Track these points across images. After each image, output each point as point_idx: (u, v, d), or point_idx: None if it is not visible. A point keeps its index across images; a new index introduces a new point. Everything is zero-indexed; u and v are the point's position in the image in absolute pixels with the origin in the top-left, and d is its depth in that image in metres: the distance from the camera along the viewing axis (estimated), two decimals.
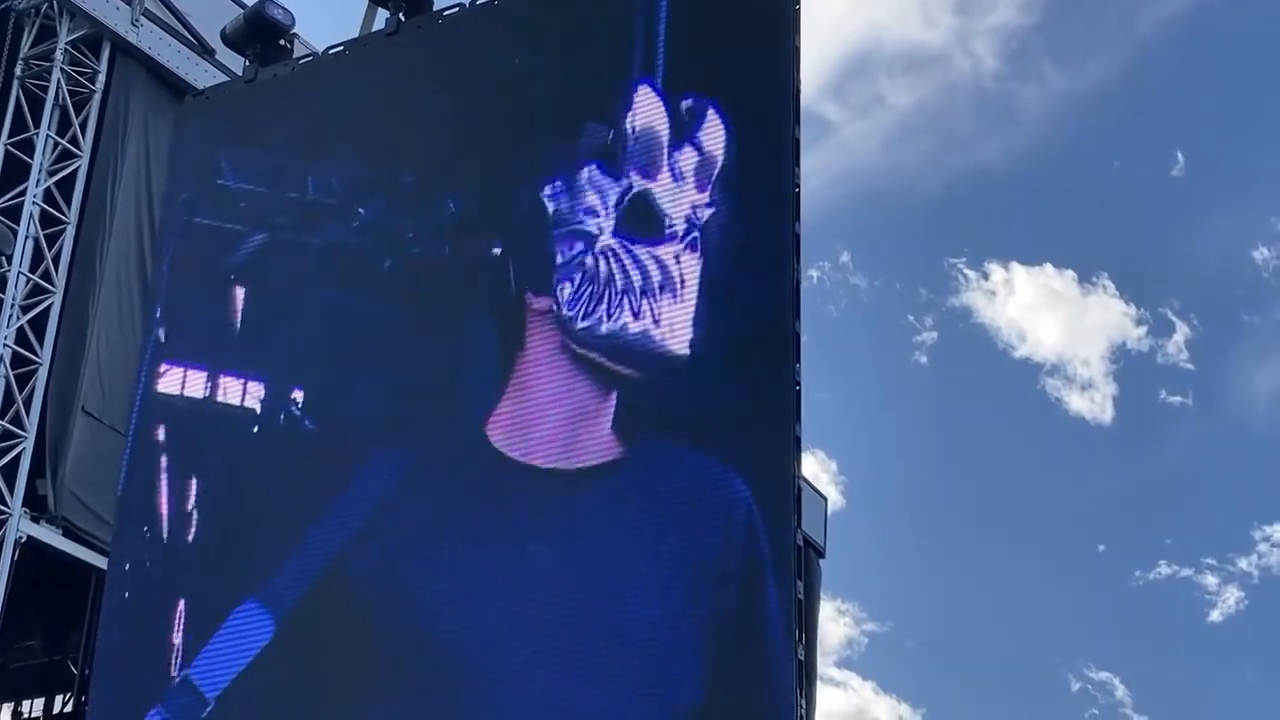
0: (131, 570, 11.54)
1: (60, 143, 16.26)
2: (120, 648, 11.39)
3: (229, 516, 11.29)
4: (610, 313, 9.94)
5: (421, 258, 11.13)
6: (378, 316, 11.14)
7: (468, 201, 11.10)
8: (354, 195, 11.56)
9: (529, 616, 9.53)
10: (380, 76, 12.14)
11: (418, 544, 10.29)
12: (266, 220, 11.91)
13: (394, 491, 10.51)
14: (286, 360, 11.43)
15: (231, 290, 11.86)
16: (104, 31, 16.63)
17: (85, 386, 15.66)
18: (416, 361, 10.86)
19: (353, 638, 10.26)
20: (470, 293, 10.83)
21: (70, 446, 15.44)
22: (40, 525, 15.30)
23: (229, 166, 12.23)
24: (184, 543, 11.34)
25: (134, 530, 11.66)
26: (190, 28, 17.35)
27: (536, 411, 10.03)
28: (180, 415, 11.79)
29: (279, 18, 12.89)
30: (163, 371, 11.96)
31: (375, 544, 10.41)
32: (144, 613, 11.27)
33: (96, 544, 15.06)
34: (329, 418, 11.07)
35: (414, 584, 10.18)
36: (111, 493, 12.41)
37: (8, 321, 15.49)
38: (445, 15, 12.08)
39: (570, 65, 11.15)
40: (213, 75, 16.90)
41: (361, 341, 11.23)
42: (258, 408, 11.38)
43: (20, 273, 15.70)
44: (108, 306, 16.00)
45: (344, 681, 10.16)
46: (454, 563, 10.08)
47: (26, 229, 15.82)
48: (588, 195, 10.41)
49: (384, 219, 11.34)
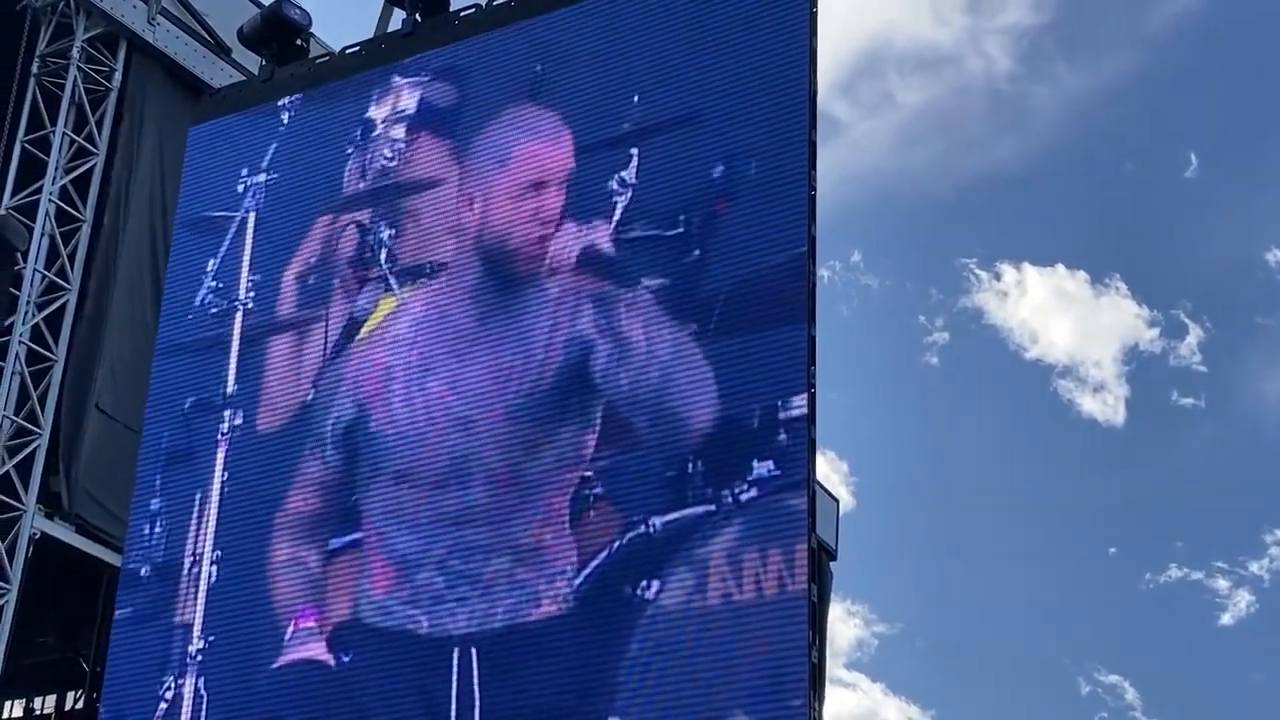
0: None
1: (76, 140, 16.30)
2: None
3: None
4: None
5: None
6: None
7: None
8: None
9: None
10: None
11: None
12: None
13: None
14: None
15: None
16: (120, 30, 16.66)
17: (99, 384, 15.70)
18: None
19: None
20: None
21: (84, 444, 15.48)
22: (54, 522, 15.35)
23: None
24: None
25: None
26: (207, 26, 17.39)
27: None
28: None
29: (296, 17, 12.95)
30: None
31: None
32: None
33: (109, 541, 15.10)
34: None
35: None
36: (125, 490, 12.45)
37: (23, 319, 15.52)
38: (462, 15, 12.13)
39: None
40: (229, 74, 16.94)
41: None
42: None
43: (36, 270, 15.74)
44: (122, 304, 16.03)
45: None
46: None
47: (42, 226, 15.85)
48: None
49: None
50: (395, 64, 12.27)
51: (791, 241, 9.94)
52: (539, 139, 11.25)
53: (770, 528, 9.34)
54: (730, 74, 10.57)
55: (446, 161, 11.67)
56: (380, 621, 10.50)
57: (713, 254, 10.18)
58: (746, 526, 9.42)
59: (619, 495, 9.90)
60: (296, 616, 10.84)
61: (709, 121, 10.55)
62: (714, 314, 10.02)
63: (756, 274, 9.97)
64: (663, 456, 9.83)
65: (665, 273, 10.28)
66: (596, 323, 10.38)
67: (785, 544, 9.25)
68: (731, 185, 10.28)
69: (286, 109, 12.70)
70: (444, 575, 10.34)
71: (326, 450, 11.28)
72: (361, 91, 12.35)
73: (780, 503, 9.36)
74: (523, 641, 9.89)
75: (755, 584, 9.27)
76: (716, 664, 9.21)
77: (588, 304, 10.46)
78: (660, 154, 10.65)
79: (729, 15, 10.75)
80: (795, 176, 10.08)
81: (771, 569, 9.23)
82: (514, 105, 11.51)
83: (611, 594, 9.70)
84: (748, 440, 9.59)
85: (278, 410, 11.67)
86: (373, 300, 11.58)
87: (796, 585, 9.14)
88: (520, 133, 11.38)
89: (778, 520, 9.33)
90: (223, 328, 12.24)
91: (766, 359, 9.75)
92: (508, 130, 11.44)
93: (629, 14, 11.20)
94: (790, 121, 10.23)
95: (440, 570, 10.37)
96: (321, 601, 10.78)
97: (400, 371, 11.13)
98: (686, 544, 9.55)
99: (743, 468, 9.53)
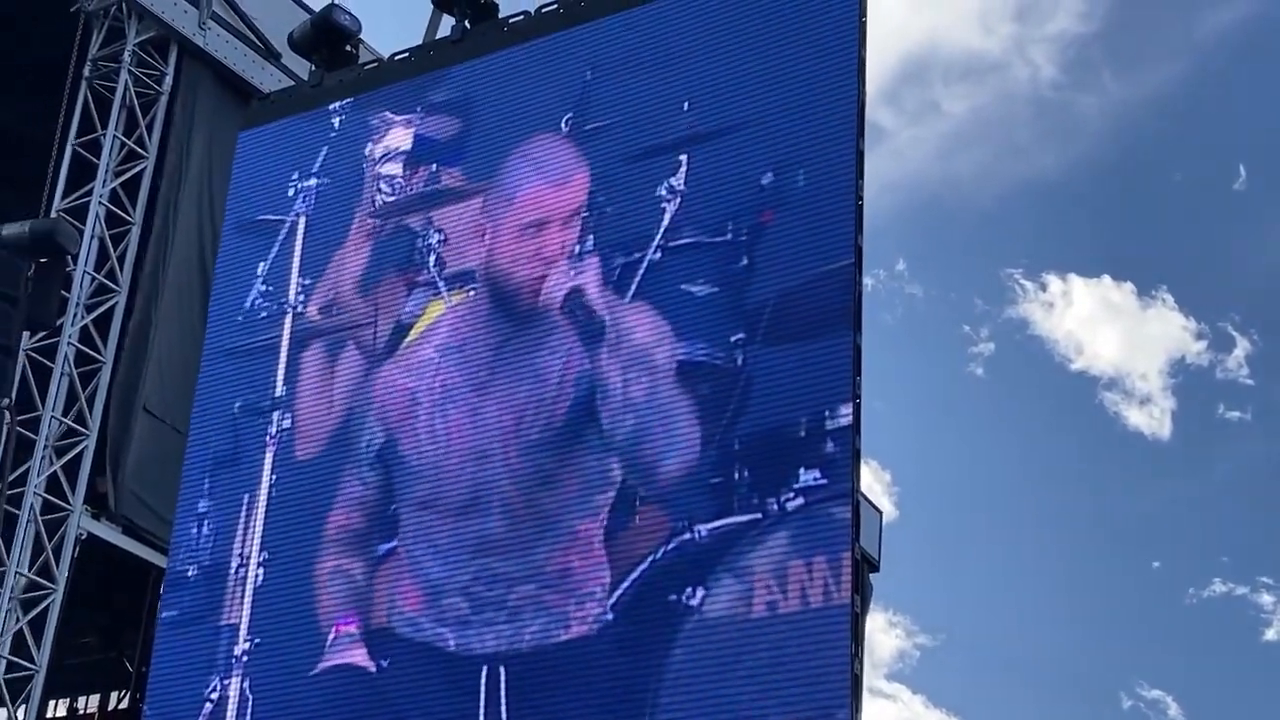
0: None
1: (126, 144, 16.41)
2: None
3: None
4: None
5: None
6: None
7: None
8: None
9: None
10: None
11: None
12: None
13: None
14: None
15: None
16: (171, 34, 16.77)
17: (147, 386, 15.80)
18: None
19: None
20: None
21: (131, 445, 15.58)
22: (100, 523, 15.46)
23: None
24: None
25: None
26: (257, 31, 17.48)
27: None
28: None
29: (346, 23, 13.00)
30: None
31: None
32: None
33: (156, 542, 15.19)
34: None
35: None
36: (172, 491, 12.52)
37: (72, 320, 15.63)
38: (511, 22, 12.17)
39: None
40: (278, 79, 17.03)
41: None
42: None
43: (85, 272, 15.85)
44: (171, 306, 16.13)
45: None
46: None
47: (92, 229, 15.97)
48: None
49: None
50: (446, 69, 12.31)
51: (838, 251, 9.92)
52: (547, 180, 11.32)
53: (816, 537, 9.30)
54: (779, 83, 10.56)
55: (480, 176, 11.75)
56: (412, 634, 10.53)
57: (760, 262, 10.18)
58: (792, 535, 9.38)
59: (667, 497, 9.89)
60: (339, 621, 10.88)
61: (758, 130, 10.54)
62: (761, 322, 10.00)
63: (803, 283, 9.95)
64: (709, 463, 9.81)
65: (713, 280, 10.29)
66: (592, 362, 10.42)
67: (832, 554, 9.22)
68: (779, 194, 10.28)
69: (337, 113, 12.75)
70: (469, 601, 10.36)
71: (366, 462, 11.33)
72: (413, 96, 12.39)
73: (826, 512, 9.33)
74: (552, 662, 9.88)
75: (800, 593, 9.23)
76: (759, 673, 9.16)
77: (579, 344, 10.51)
78: (709, 162, 10.65)
79: (778, 24, 10.75)
80: (843, 186, 10.07)
81: (817, 579, 9.20)
82: (540, 134, 11.55)
83: (655, 601, 9.66)
84: (795, 449, 9.56)
85: (327, 413, 11.71)
86: (421, 305, 11.61)
87: (842, 595, 9.10)
88: (533, 170, 11.44)
89: (824, 529, 9.30)
90: (272, 331, 12.28)
91: (813, 368, 9.72)
92: (523, 164, 11.51)
93: (678, 22, 11.20)
94: (838, 131, 10.21)
95: (465, 596, 10.40)
96: (363, 607, 10.82)
97: (425, 397, 11.18)
98: (732, 552, 9.52)
99: (790, 476, 9.50)
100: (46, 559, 14.95)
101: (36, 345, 15.39)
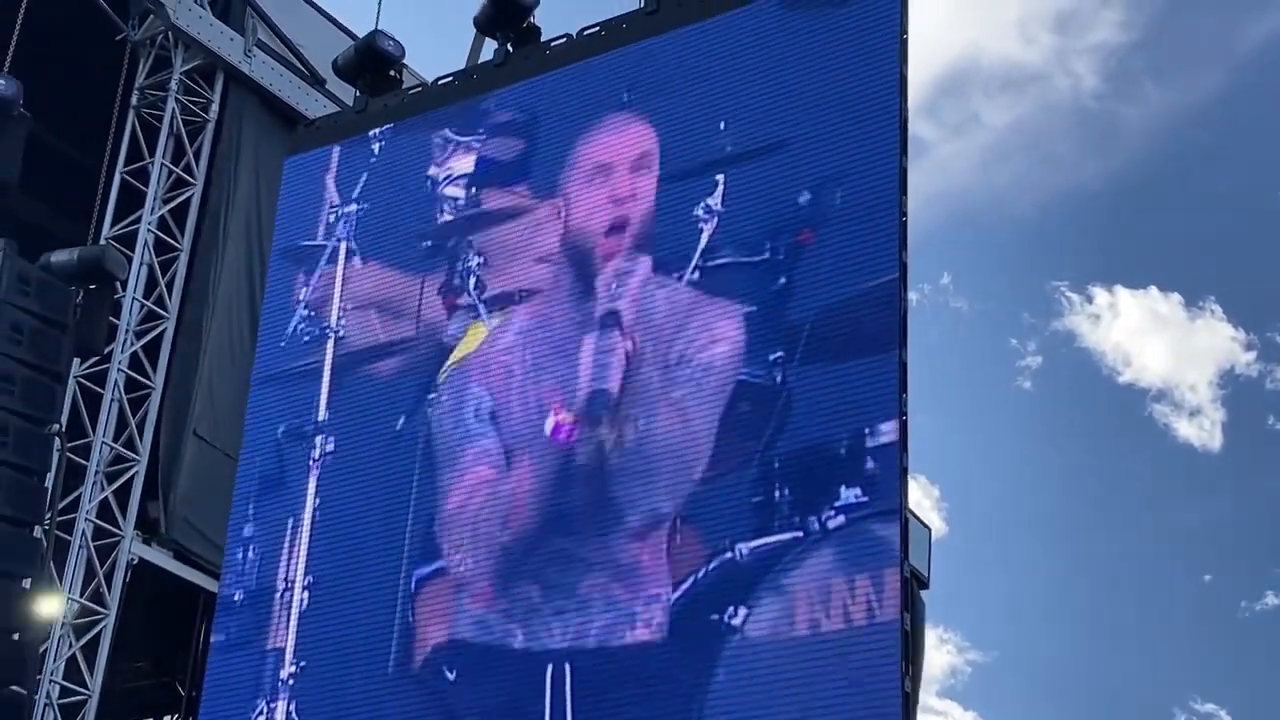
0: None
1: (174, 171, 16.53)
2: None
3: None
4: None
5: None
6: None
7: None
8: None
9: None
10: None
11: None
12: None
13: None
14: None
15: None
16: (218, 61, 16.89)
17: (197, 411, 15.88)
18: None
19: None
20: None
21: (182, 470, 15.66)
22: (151, 547, 15.53)
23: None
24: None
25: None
26: (301, 58, 17.60)
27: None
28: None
29: (389, 49, 13.08)
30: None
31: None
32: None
33: (207, 566, 15.26)
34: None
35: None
36: (222, 516, 12.59)
37: (122, 346, 15.74)
38: (553, 45, 12.21)
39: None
40: (323, 105, 17.13)
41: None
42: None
43: (135, 299, 15.96)
44: (220, 332, 16.22)
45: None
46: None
47: (141, 256, 16.07)
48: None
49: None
50: (484, 94, 12.37)
51: (878, 269, 9.90)
52: (607, 132, 11.45)
53: (858, 555, 9.26)
54: (819, 102, 10.56)
55: (528, 194, 11.79)
56: (477, 637, 10.49)
57: (799, 281, 10.17)
58: (834, 554, 9.34)
59: (704, 519, 9.87)
60: (388, 640, 10.89)
61: (795, 149, 10.54)
62: (800, 341, 9.98)
63: (842, 301, 9.94)
64: (749, 481, 9.79)
65: (752, 300, 10.28)
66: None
67: (874, 572, 9.17)
68: (818, 213, 10.27)
69: (378, 139, 12.81)
70: (540, 586, 10.33)
71: (415, 476, 11.33)
72: (449, 123, 12.45)
73: (868, 530, 9.28)
74: (616, 664, 9.85)
75: (843, 613, 9.19)
76: (802, 695, 9.12)
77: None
78: (747, 180, 10.65)
79: (819, 42, 10.74)
80: (883, 203, 10.05)
81: (860, 597, 9.16)
82: (604, 114, 11.65)
83: (699, 621, 9.64)
84: (836, 467, 9.53)
85: (370, 436, 11.75)
86: (461, 327, 11.65)
87: (885, 614, 9.06)
88: (600, 132, 11.54)
89: (866, 548, 9.25)
90: (314, 356, 12.34)
91: (854, 386, 9.69)
92: (591, 134, 11.61)
93: (717, 41, 11.23)
94: (879, 148, 10.19)
95: (536, 581, 10.36)
96: (411, 628, 10.84)
97: (518, 370, 11.18)
98: (773, 571, 9.49)
99: (830, 494, 9.48)
100: (98, 585, 15.04)
101: (86, 371, 15.50)
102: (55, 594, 14.10)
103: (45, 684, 14.35)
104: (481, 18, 12.66)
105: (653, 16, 11.65)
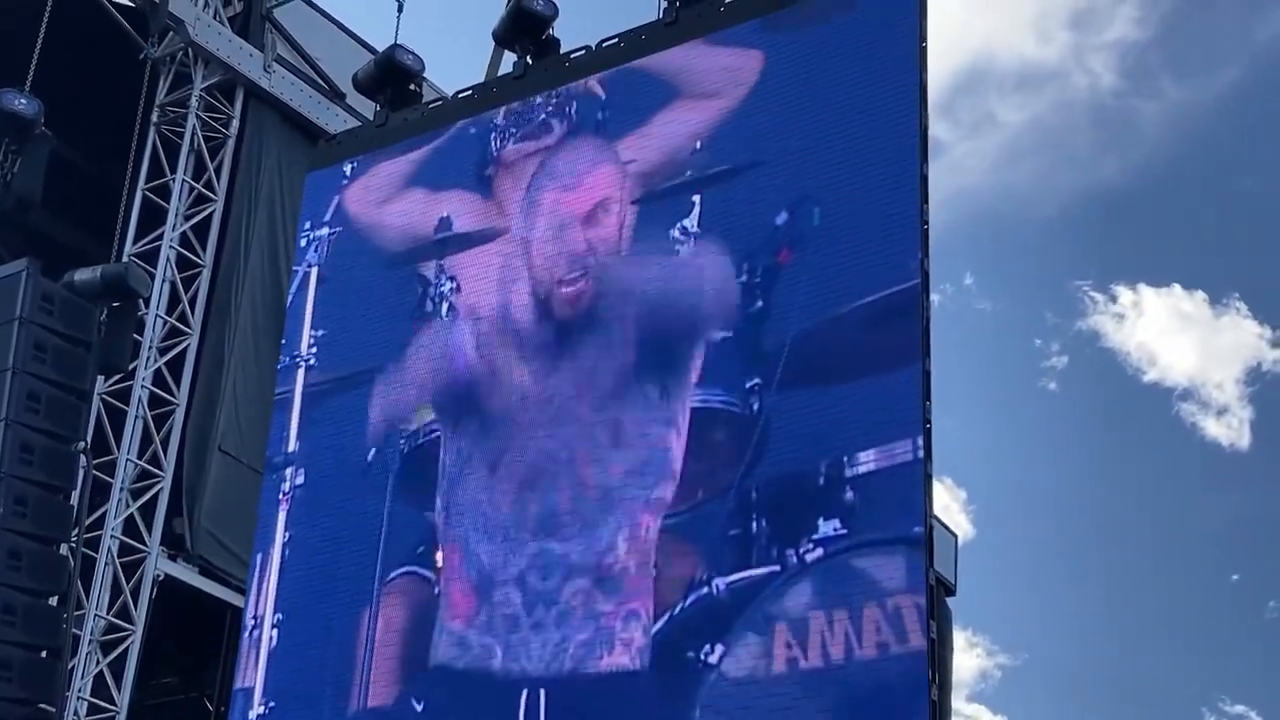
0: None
1: (195, 187, 16.57)
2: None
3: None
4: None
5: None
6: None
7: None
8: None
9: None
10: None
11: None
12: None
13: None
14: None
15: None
16: (237, 78, 16.96)
17: (222, 426, 15.92)
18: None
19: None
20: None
21: (207, 485, 15.71)
22: (177, 563, 15.58)
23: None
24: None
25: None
26: (321, 73, 17.64)
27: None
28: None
29: (409, 63, 13.06)
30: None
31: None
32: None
33: (232, 582, 15.28)
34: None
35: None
36: (248, 531, 12.58)
37: (145, 363, 15.78)
38: (572, 58, 12.19)
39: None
40: (343, 120, 17.17)
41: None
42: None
43: (158, 315, 16.00)
44: (243, 347, 16.26)
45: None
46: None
47: (163, 272, 16.13)
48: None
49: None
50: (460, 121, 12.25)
51: (864, 288, 9.49)
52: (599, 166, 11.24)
53: (837, 590, 8.91)
54: (838, 112, 10.31)
55: (510, 212, 11.56)
56: (455, 660, 10.25)
57: (775, 305, 9.83)
58: (813, 589, 9.00)
59: (686, 542, 9.59)
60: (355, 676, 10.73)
61: (773, 168, 10.24)
62: (778, 367, 9.65)
63: (820, 324, 9.61)
64: (727, 513, 9.46)
65: (727, 324, 9.98)
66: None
67: (853, 608, 8.83)
68: (795, 232, 9.94)
69: (349, 162, 12.69)
70: (522, 593, 10.08)
71: (387, 502, 11.12)
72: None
73: (846, 564, 8.92)
74: (592, 694, 9.59)
75: (821, 650, 8.87)
76: None
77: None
78: (721, 202, 10.41)
79: (835, 53, 10.50)
80: (869, 218, 9.67)
81: (838, 634, 8.82)
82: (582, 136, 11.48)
83: (676, 657, 9.33)
84: (813, 498, 9.18)
85: (338, 467, 11.51)
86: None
87: (865, 651, 8.71)
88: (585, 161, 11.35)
89: (844, 582, 8.91)
90: (286, 385, 12.13)
91: (832, 413, 9.34)
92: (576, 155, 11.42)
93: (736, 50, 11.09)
94: (886, 154, 9.81)
95: (519, 587, 10.11)
96: (379, 662, 10.64)
97: (501, 366, 10.96)
98: (750, 607, 9.14)
99: (808, 526, 9.12)
100: (125, 601, 15.09)
101: (110, 389, 15.55)
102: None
103: (73, 701, 14.38)
104: (500, 30, 12.64)
105: (671, 28, 11.58)
